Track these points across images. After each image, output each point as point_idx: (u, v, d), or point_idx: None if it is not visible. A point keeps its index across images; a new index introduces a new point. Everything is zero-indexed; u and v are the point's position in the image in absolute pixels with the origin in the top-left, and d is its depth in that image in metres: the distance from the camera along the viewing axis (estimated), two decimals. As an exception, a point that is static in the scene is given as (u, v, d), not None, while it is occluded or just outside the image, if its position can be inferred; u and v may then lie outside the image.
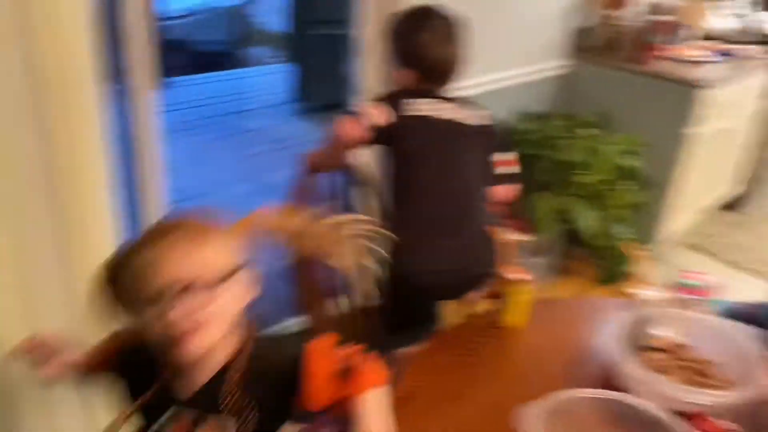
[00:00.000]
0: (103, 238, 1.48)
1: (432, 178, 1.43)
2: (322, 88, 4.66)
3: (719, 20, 3.51)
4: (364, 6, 2.15)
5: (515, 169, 1.55)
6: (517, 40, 2.71)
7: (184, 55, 6.34)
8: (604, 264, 2.89)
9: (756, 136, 3.45)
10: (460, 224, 1.43)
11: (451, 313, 1.63)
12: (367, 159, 1.63)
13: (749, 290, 2.02)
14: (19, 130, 1.30)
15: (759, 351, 1.10)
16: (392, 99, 1.47)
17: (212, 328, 0.89)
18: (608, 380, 1.16)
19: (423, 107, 1.45)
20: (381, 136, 1.43)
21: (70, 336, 1.12)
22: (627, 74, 2.87)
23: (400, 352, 1.38)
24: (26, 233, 1.36)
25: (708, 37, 3.44)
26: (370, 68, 2.11)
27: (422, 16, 1.51)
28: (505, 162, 1.55)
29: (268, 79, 5.82)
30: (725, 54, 3.13)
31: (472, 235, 1.45)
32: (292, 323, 2.19)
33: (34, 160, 1.34)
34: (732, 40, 3.43)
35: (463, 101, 1.54)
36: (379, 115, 1.42)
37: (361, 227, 1.02)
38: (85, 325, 1.03)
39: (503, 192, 1.56)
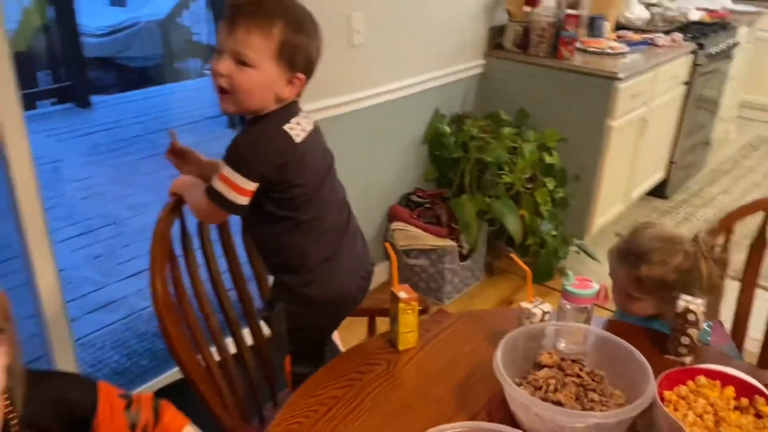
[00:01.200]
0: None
1: (325, 198, 1.33)
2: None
3: (634, 10, 3.54)
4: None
5: None
6: (433, 43, 2.67)
7: (112, 72, 6.16)
8: (533, 261, 2.87)
9: (672, 123, 3.48)
10: (354, 231, 1.39)
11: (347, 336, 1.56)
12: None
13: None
14: None
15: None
16: (268, 138, 1.22)
17: None
18: (496, 404, 1.11)
19: (299, 127, 1.26)
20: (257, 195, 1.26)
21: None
22: (543, 69, 2.85)
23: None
24: None
25: (623, 27, 3.46)
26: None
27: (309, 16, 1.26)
28: None
29: (201, 92, 5.68)
30: (640, 43, 3.14)
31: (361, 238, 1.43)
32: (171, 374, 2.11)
33: None
34: (646, 29, 3.46)
35: None
36: (248, 189, 1.21)
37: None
38: None
39: None
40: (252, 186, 1.21)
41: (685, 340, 1.23)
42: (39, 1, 4.81)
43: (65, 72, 5.16)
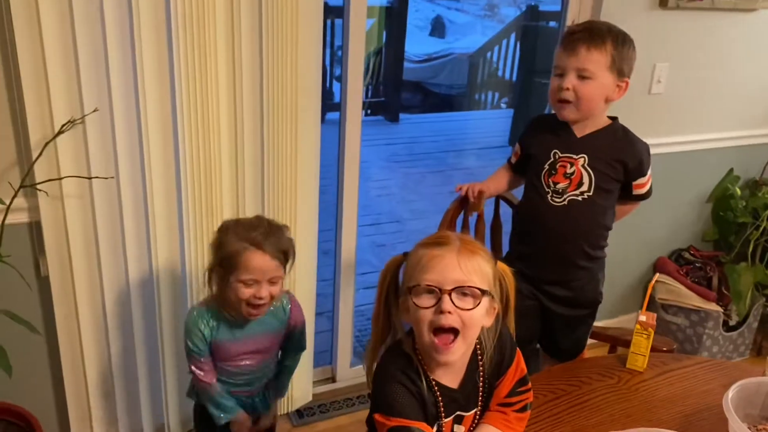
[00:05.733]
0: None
1: None
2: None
3: None
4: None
5: None
6: (740, 101, 2.58)
7: (420, 95, 6.90)
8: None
9: None
10: None
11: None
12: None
13: None
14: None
15: None
16: None
17: (472, 331, 0.99)
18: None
19: None
20: None
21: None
22: None
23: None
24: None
25: None
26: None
27: None
28: None
29: (492, 122, 6.07)
30: None
31: None
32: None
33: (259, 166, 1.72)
34: None
35: None
36: None
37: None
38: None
39: None
40: None
41: None
42: (379, 26, 5.62)
43: (383, 89, 5.94)
